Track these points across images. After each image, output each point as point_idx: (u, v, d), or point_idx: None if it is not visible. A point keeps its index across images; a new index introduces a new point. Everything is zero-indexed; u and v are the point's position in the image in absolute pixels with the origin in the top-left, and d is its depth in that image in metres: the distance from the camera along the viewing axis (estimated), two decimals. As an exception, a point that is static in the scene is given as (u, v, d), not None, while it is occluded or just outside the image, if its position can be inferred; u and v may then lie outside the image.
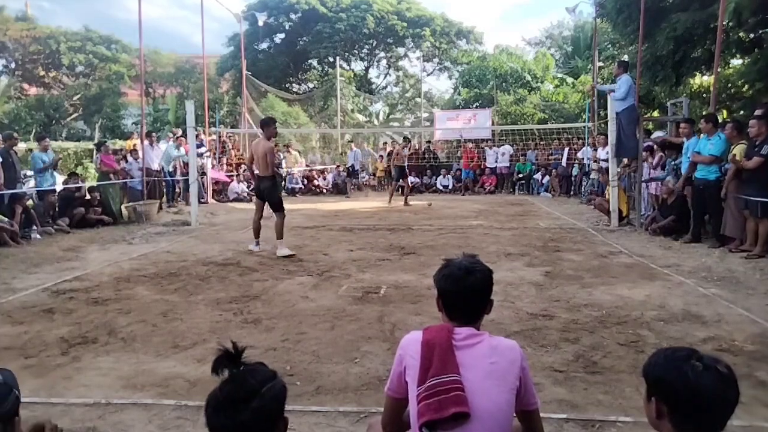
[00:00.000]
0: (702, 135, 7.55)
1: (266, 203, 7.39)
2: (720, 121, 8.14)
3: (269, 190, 7.32)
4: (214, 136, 16.11)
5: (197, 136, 11.82)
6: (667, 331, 4.03)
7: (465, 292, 1.77)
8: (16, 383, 1.41)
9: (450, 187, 18.22)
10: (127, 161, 12.06)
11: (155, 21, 75.64)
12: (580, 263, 6.46)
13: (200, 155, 13.34)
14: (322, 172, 19.21)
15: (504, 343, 1.75)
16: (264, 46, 30.81)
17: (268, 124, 7.41)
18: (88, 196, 10.15)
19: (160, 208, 11.73)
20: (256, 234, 7.45)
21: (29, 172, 11.09)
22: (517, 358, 1.70)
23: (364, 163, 20.94)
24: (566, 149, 16.47)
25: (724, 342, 3.79)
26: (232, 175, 16.34)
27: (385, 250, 7.39)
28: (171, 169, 13.09)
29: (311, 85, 31.76)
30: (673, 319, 4.32)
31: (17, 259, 6.90)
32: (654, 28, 12.37)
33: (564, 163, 16.28)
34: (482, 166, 18.20)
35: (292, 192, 17.17)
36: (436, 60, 32.15)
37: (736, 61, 14.55)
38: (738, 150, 6.88)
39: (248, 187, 16.42)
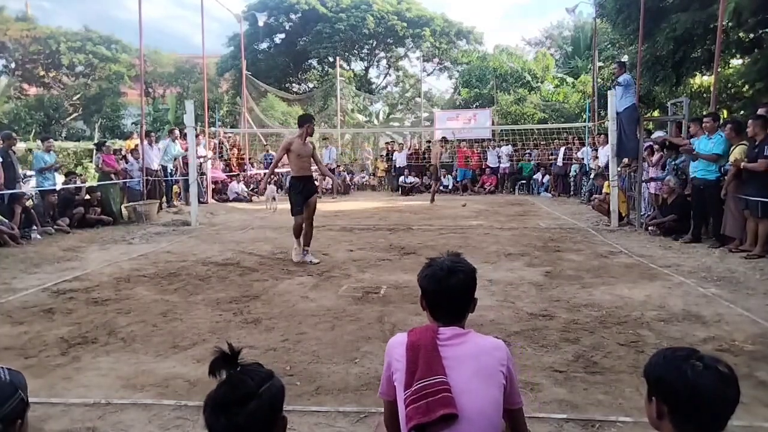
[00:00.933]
0: (705, 133, 7.54)
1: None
2: (720, 121, 8.13)
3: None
4: (216, 140, 16.08)
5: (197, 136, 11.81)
6: (667, 331, 4.03)
7: (448, 292, 1.76)
8: (23, 385, 1.37)
9: (450, 187, 18.24)
10: (127, 161, 12.05)
11: (155, 21, 75.63)
12: (580, 263, 6.46)
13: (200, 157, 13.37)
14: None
15: (490, 342, 1.74)
16: (264, 46, 30.82)
17: (305, 122, 6.74)
18: (88, 196, 10.15)
19: (160, 208, 11.73)
20: (303, 241, 6.75)
21: (29, 172, 11.09)
22: (503, 357, 1.70)
23: (364, 164, 20.93)
24: (562, 149, 16.49)
25: (724, 342, 3.79)
26: (232, 175, 16.34)
27: (385, 250, 7.39)
28: (172, 168, 13.06)
29: (311, 85, 31.77)
30: (673, 319, 4.32)
31: (17, 259, 6.90)
32: (654, 28, 12.39)
33: (560, 162, 16.29)
34: (483, 166, 18.23)
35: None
36: (436, 60, 32.16)
37: (736, 61, 14.57)
38: (739, 151, 6.88)
39: (248, 187, 16.43)
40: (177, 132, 13.46)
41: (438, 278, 1.76)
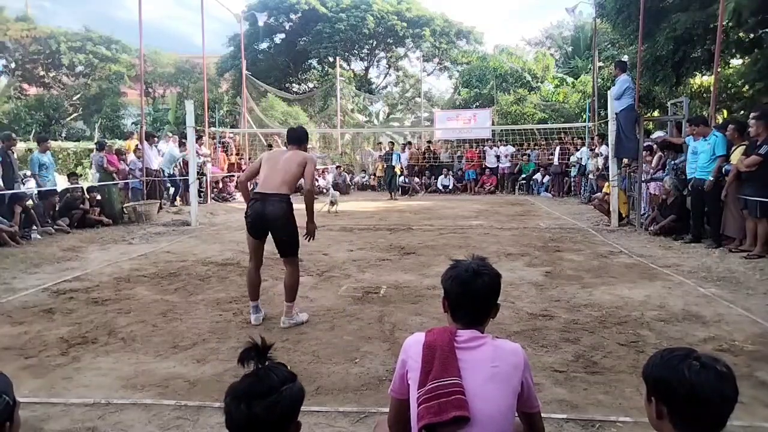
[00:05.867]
0: (699, 138, 7.49)
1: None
2: (721, 121, 8.11)
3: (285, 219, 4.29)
4: (217, 140, 16.08)
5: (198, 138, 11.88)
6: (667, 331, 4.03)
7: (471, 294, 1.76)
8: (8, 388, 1.34)
9: (450, 187, 18.27)
10: (127, 162, 12.05)
11: (155, 21, 75.84)
12: (580, 263, 6.46)
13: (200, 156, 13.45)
14: (322, 171, 19.22)
15: (507, 346, 1.74)
16: (264, 46, 30.83)
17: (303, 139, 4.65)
18: (87, 196, 10.15)
19: (160, 207, 11.73)
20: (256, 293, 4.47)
21: (29, 172, 11.08)
22: (520, 362, 1.70)
23: (365, 164, 20.92)
24: (557, 148, 16.51)
25: (724, 342, 3.79)
26: (232, 175, 16.36)
27: (385, 250, 7.39)
28: (171, 171, 13.07)
29: (311, 85, 31.77)
30: (673, 319, 4.32)
31: (17, 259, 6.90)
32: (654, 28, 12.38)
33: (556, 161, 16.32)
34: (483, 166, 18.25)
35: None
36: (436, 60, 32.17)
37: (736, 61, 14.57)
38: (740, 152, 6.88)
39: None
40: (169, 135, 13.66)
41: (462, 280, 1.77)
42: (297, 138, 4.56)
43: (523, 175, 17.58)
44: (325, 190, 12.81)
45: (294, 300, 4.35)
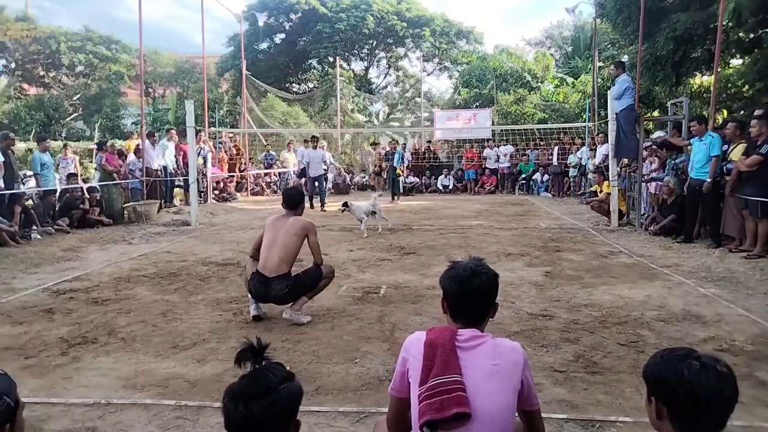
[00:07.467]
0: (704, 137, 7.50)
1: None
2: (721, 121, 8.09)
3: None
4: (217, 140, 16.07)
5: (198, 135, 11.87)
6: (667, 331, 4.03)
7: (469, 294, 1.78)
8: (10, 389, 1.32)
9: (450, 187, 18.26)
10: (127, 162, 12.05)
11: (155, 21, 75.82)
12: (580, 263, 6.46)
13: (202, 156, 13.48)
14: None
15: (507, 344, 1.76)
16: (264, 46, 30.85)
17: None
18: (87, 196, 10.15)
19: (161, 207, 11.73)
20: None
21: (29, 172, 11.08)
22: (519, 360, 1.71)
23: (365, 164, 20.91)
24: (556, 147, 16.52)
25: (724, 342, 3.79)
26: (232, 176, 16.35)
27: (385, 250, 7.39)
28: (174, 167, 13.06)
29: (311, 85, 31.78)
30: (673, 319, 4.32)
31: (17, 259, 6.89)
32: (654, 28, 12.38)
33: (555, 161, 16.32)
34: (483, 166, 18.25)
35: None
36: (436, 60, 32.18)
37: (736, 61, 14.56)
38: (739, 150, 6.87)
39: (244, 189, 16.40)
40: (173, 132, 13.71)
41: (460, 280, 1.79)
42: (293, 202, 4.58)
43: (523, 175, 17.58)
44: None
45: (311, 297, 4.45)
